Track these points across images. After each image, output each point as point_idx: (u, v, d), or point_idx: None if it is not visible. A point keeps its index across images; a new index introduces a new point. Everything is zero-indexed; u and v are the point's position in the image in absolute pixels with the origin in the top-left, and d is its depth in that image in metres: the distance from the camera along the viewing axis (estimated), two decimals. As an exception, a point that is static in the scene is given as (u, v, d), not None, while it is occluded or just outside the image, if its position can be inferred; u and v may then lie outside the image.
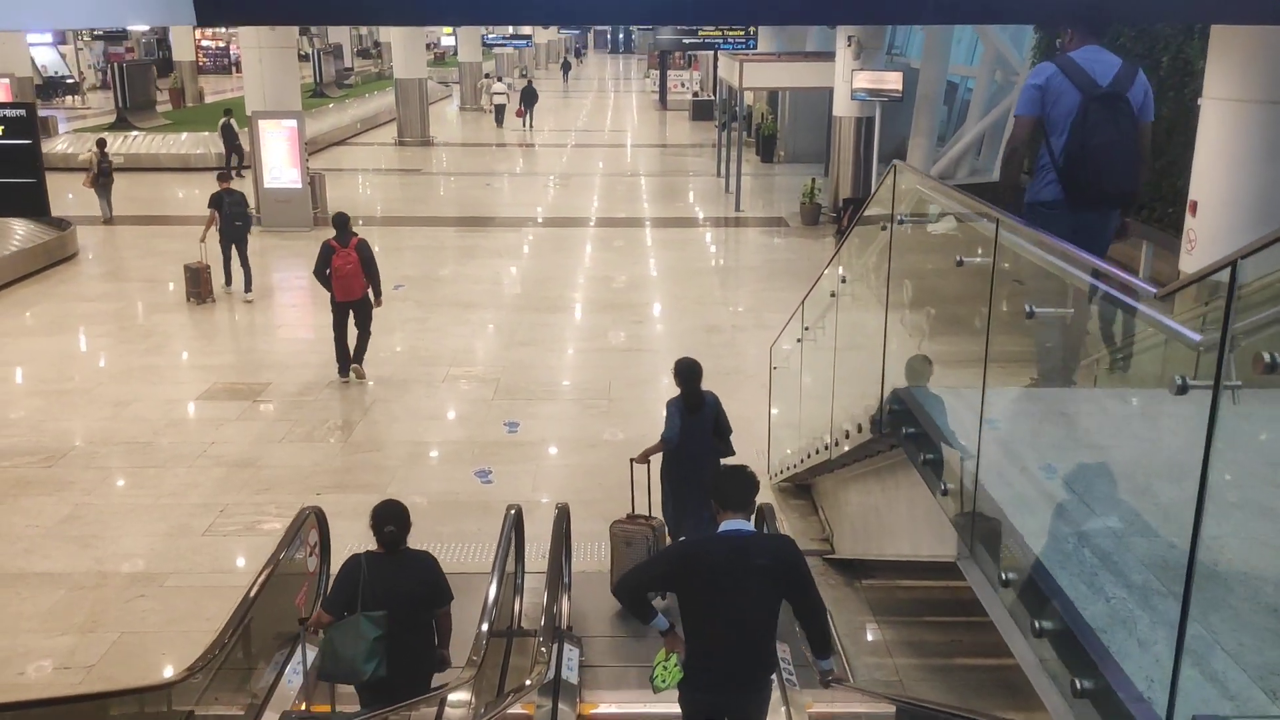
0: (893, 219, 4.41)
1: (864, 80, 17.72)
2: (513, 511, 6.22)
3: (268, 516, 7.91)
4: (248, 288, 13.73)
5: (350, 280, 10.19)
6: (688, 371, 6.65)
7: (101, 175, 18.25)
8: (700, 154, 28.48)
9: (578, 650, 5.74)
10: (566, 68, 60.36)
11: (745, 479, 4.03)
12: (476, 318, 13.17)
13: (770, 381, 8.93)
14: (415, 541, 4.93)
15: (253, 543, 7.51)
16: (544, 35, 64.25)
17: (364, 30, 66.53)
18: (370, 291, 10.44)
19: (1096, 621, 2.81)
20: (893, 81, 17.54)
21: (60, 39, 42.02)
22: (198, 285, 13.51)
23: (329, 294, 10.38)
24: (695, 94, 39.89)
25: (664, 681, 3.99)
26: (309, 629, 4.86)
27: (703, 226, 19.34)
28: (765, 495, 8.20)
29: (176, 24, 4.65)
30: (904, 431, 4.17)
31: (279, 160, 17.95)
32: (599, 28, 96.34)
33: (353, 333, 10.65)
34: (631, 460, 6.89)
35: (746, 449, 9.17)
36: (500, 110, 35.07)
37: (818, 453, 6.42)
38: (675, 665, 3.98)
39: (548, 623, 5.29)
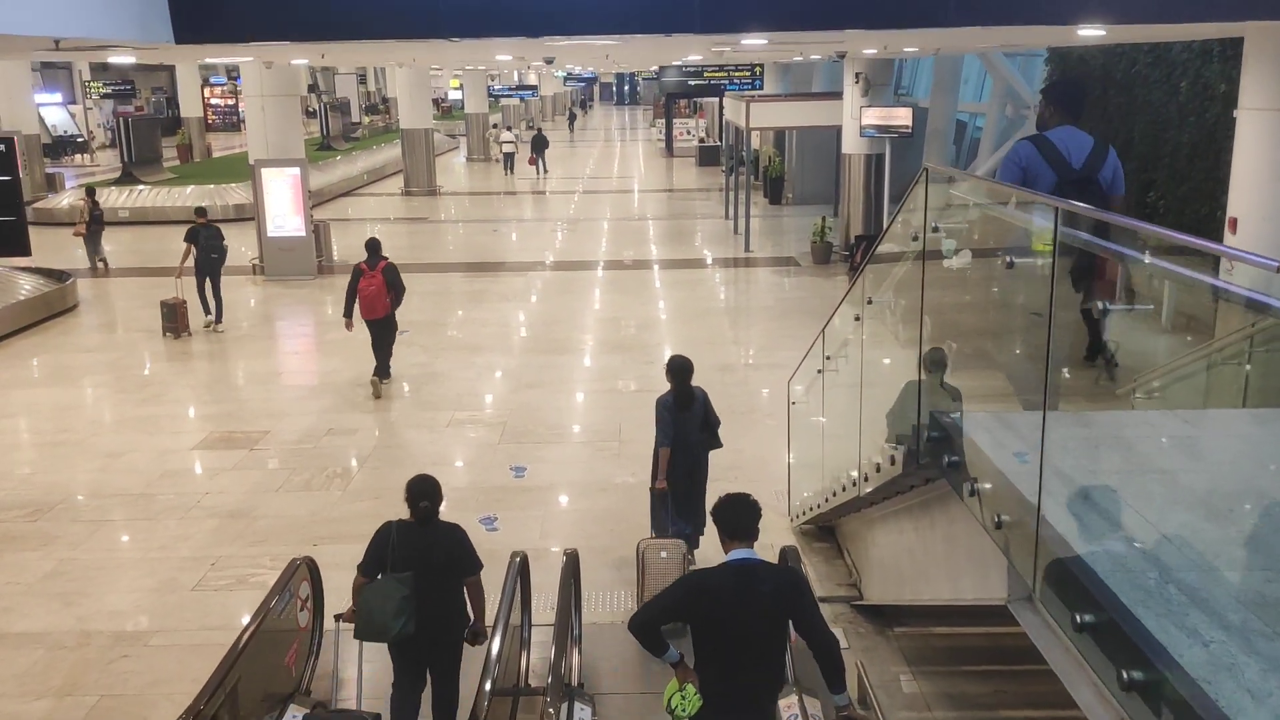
0: (925, 228, 4.03)
1: (873, 116, 17.50)
2: (518, 559, 5.80)
3: (261, 569, 7.49)
4: (218, 319, 14.19)
5: (373, 300, 10.93)
6: (680, 369, 6.85)
7: (92, 223, 18.18)
8: (708, 198, 28.32)
9: (590, 709, 5.29)
10: (572, 118, 60.71)
11: (748, 508, 4.11)
12: (483, 361, 12.81)
13: (788, 418, 8.51)
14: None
15: (244, 597, 7.08)
16: (550, 87, 64.71)
17: (372, 87, 67.27)
18: (393, 311, 11.21)
19: (1196, 670, 2.39)
20: (902, 117, 17.30)
21: (70, 99, 42.43)
22: (174, 320, 13.76)
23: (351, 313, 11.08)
24: (701, 140, 39.92)
25: (684, 711, 4.06)
26: (346, 616, 5.15)
27: (712, 267, 19.03)
28: (788, 538, 7.77)
29: (153, 42, 4.36)
30: (946, 460, 3.77)
31: (282, 208, 17.76)
32: (604, 79, 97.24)
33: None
34: (652, 490, 6.98)
35: (764, 490, 8.74)
36: (509, 159, 35.17)
37: (844, 490, 5.99)
38: (694, 694, 4.05)
39: (556, 680, 4.85)
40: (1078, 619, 2.71)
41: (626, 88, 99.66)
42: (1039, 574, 3.05)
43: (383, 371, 11.41)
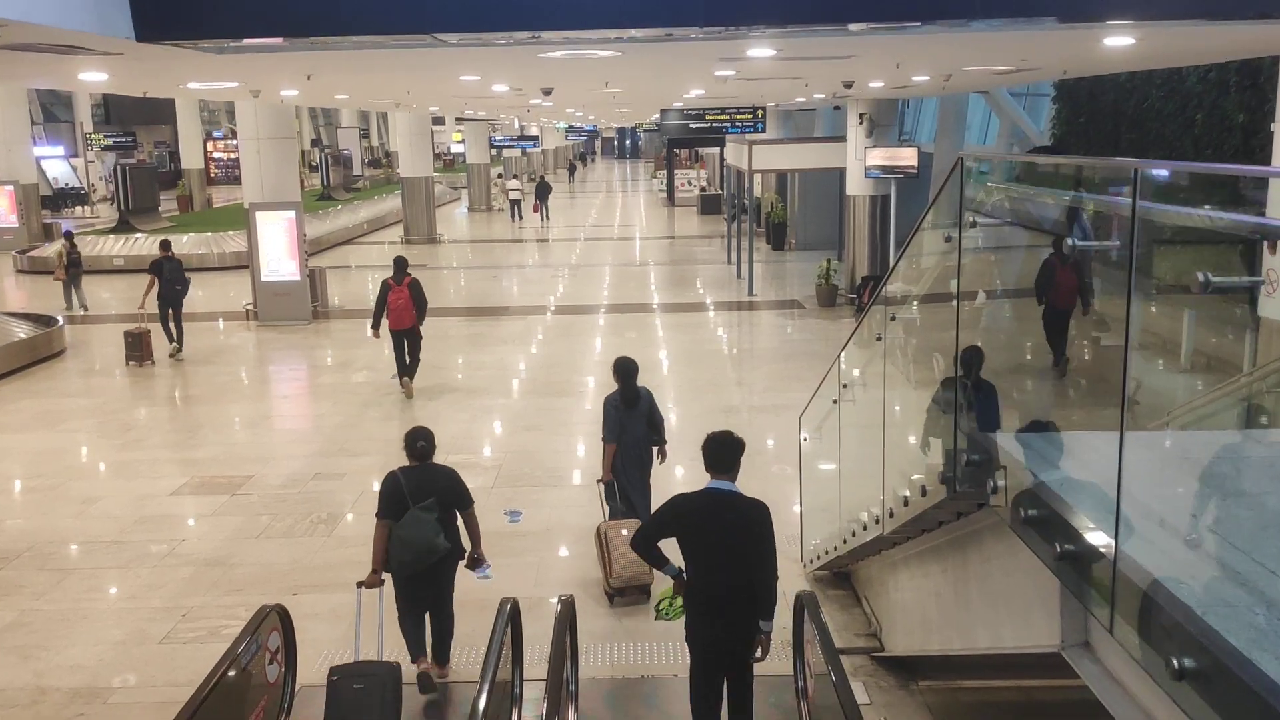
0: (960, 223, 3.60)
1: (878, 157, 17.24)
2: (508, 606, 5.29)
3: (235, 620, 6.93)
4: (180, 347, 14.77)
5: (401, 313, 12.04)
6: (625, 371, 7.45)
7: (71, 267, 18.14)
8: (710, 244, 28.06)
9: (587, 773, 4.76)
10: (572, 170, 60.92)
11: (729, 446, 4.79)
12: (479, 404, 12.35)
13: (799, 456, 8.02)
14: (401, 645, 5.80)
15: (215, 650, 6.46)
16: (551, 140, 65.01)
17: (375, 141, 67.60)
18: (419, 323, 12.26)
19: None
20: (907, 157, 17.04)
21: (72, 152, 42.48)
22: (139, 349, 14.16)
23: (385, 323, 12.14)
24: (703, 189, 39.86)
25: (668, 615, 5.13)
26: (371, 581, 5.73)
27: (715, 311, 18.64)
28: (801, 584, 7.26)
29: (111, 36, 3.99)
30: (991, 486, 3.30)
31: (277, 252, 17.43)
32: (606, 135, 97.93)
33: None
34: (599, 482, 7.58)
35: (775, 535, 8.25)
36: (516, 205, 35.63)
37: (864, 529, 5.50)
38: (680, 606, 4.94)
39: (548, 741, 4.34)
40: (1176, 665, 2.23)
41: (628, 142, 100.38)
42: (1115, 613, 2.57)
43: (410, 372, 12.52)
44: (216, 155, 54.33)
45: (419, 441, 5.96)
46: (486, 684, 4.52)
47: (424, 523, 5.67)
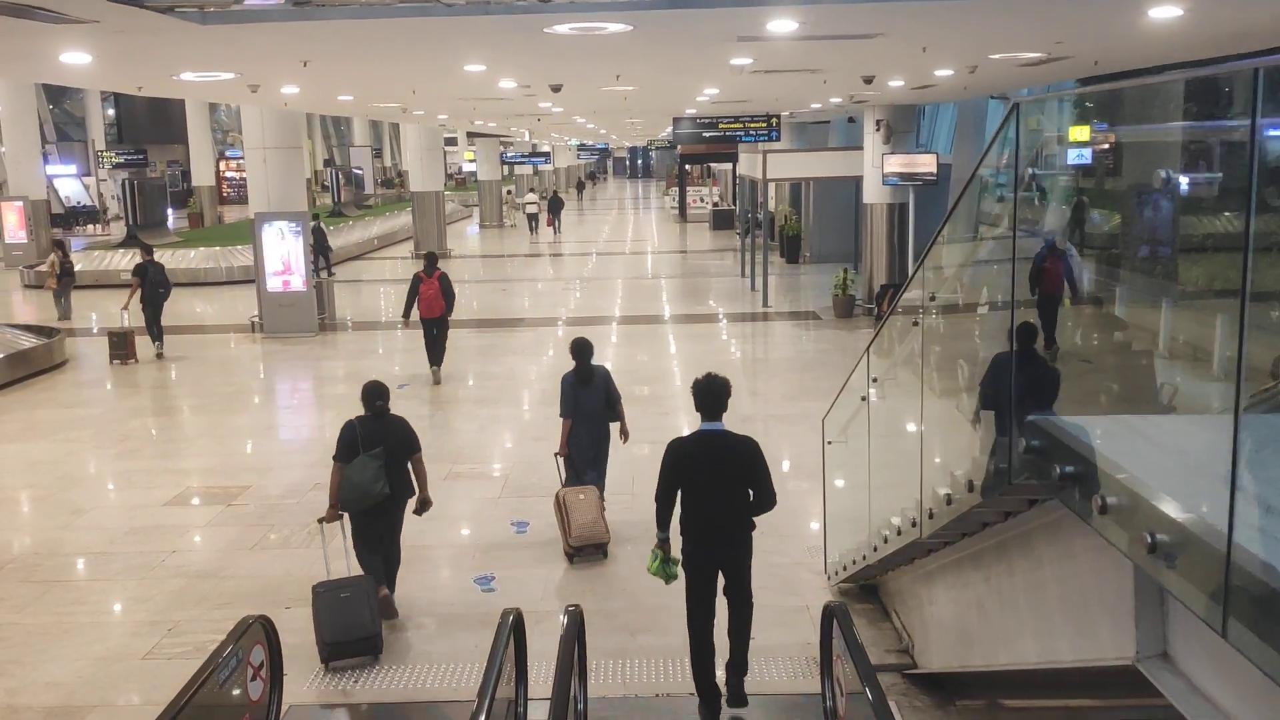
0: (1016, 174, 3.17)
1: (896, 164, 16.84)
2: (510, 617, 4.86)
3: (223, 635, 6.52)
4: (161, 346, 15.29)
5: (431, 302, 13.02)
6: (580, 350, 7.89)
7: (63, 276, 18.13)
8: (722, 258, 27.69)
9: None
10: (580, 187, 60.80)
11: (715, 391, 5.31)
12: (487, 413, 11.96)
13: (823, 461, 7.58)
14: (401, 660, 6.08)
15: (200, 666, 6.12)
16: (563, 159, 64.86)
17: (388, 162, 67.62)
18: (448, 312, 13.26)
19: None
20: (926, 164, 16.65)
21: (85, 171, 42.43)
22: (123, 348, 14.61)
23: (416, 313, 13.08)
24: (715, 204, 39.55)
25: (658, 570, 5.63)
26: (329, 517, 6.59)
27: (729, 322, 18.23)
28: (825, 597, 6.81)
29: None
30: (1059, 471, 2.87)
31: (283, 263, 17.11)
32: (618, 155, 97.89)
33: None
34: (556, 455, 7.92)
35: (795, 547, 7.82)
36: (533, 219, 36.17)
37: (899, 534, 5.05)
38: (659, 565, 5.60)
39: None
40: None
41: (640, 161, 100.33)
42: (1229, 613, 2.13)
43: (439, 360, 13.41)
44: (229, 175, 54.31)
45: (377, 400, 6.64)
46: (486, 703, 4.10)
47: (368, 468, 6.37)
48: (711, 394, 5.29)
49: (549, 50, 7.55)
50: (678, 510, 5.39)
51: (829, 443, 6.96)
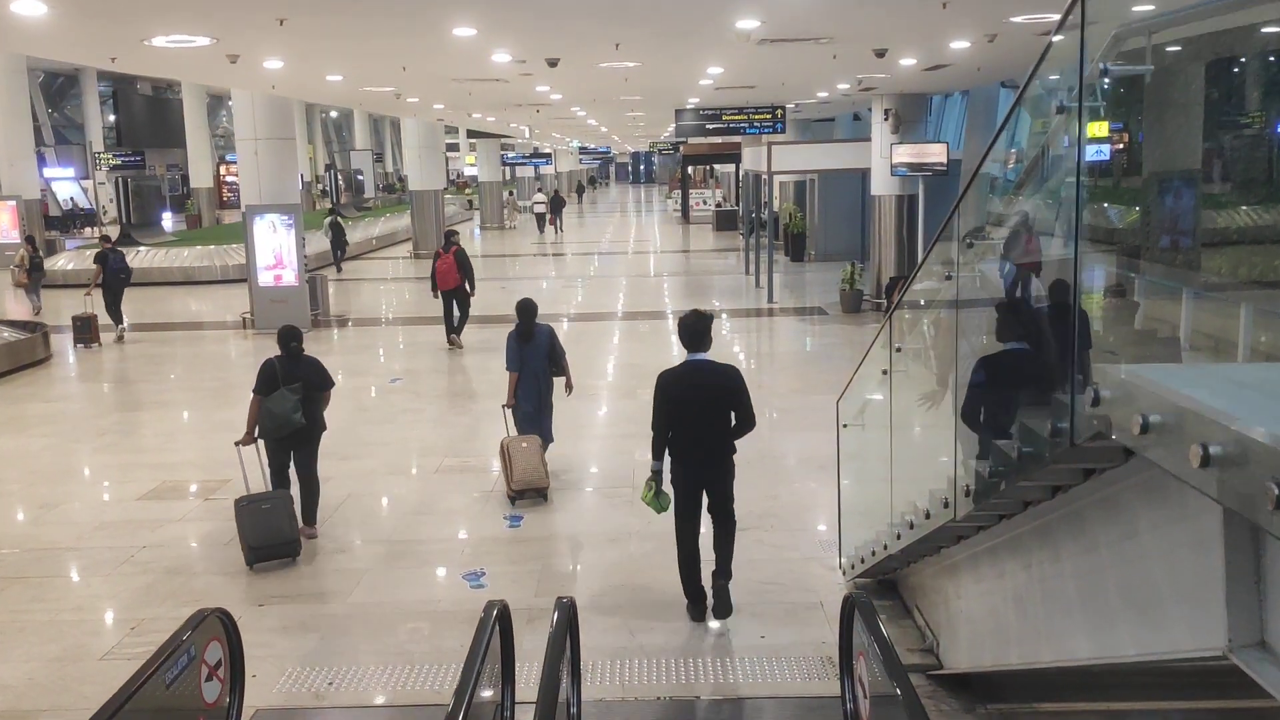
0: (1080, 76, 2.68)
1: (905, 154, 16.37)
2: (495, 611, 4.37)
3: (189, 634, 6.04)
4: (124, 329, 15.88)
5: (446, 275, 14.32)
6: (524, 310, 8.48)
7: (33, 270, 18.06)
8: (726, 258, 27.21)
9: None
10: (580, 190, 60.45)
11: (699, 328, 5.86)
12: (480, 407, 11.45)
13: (838, 447, 7.06)
14: (380, 661, 5.66)
15: (162, 668, 5.63)
16: (565, 164, 64.41)
17: (390, 168, 67.26)
18: (466, 284, 14.52)
19: None
20: (936, 154, 16.18)
21: (84, 174, 42.04)
22: (87, 331, 15.02)
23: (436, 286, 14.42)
24: (719, 205, 39.15)
25: (651, 501, 6.01)
26: (246, 440, 7.26)
27: (735, 318, 17.72)
28: (840, 594, 6.32)
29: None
30: (1144, 422, 2.38)
31: (274, 257, 16.65)
32: (620, 160, 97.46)
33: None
34: (504, 406, 8.49)
35: (806, 541, 7.34)
36: (541, 219, 37.13)
37: (926, 518, 4.55)
38: (652, 496, 5.98)
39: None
40: None
41: (642, 167, 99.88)
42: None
43: (458, 329, 14.56)
44: (230, 179, 53.90)
45: (291, 341, 7.42)
46: (464, 703, 3.61)
47: (287, 400, 7.11)
48: (697, 332, 5.91)
49: (542, 7, 7.09)
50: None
51: (844, 426, 6.46)
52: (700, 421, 5.84)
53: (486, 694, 4.32)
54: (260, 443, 7.34)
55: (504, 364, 8.57)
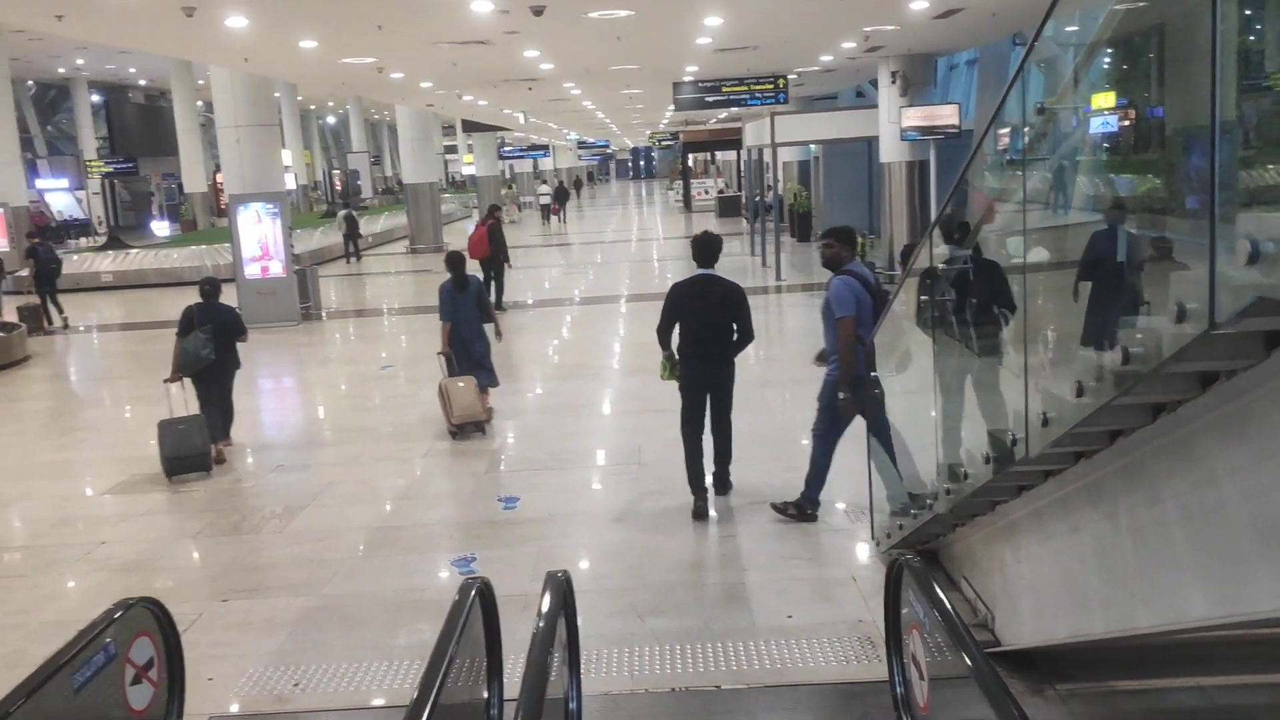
0: None
1: (915, 117, 15.62)
2: (473, 591, 3.67)
3: (141, 635, 5.34)
4: (66, 318, 16.77)
5: (475, 245, 15.19)
6: (453, 261, 9.05)
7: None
8: (730, 241, 26.41)
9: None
10: (578, 185, 59.81)
11: (710, 245, 6.64)
12: (475, 391, 10.74)
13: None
14: (354, 658, 5.02)
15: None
16: (564, 159, 63.66)
17: (389, 172, 66.61)
18: (500, 256, 15.69)
19: None
20: (948, 115, 15.43)
21: (78, 184, 41.40)
22: (35, 320, 15.99)
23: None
24: (721, 191, 38.47)
25: (669, 374, 6.70)
26: (172, 378, 8.22)
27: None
28: (877, 566, 5.61)
29: None
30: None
31: (260, 248, 15.96)
32: (620, 156, 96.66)
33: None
34: (439, 354, 8.93)
35: (832, 512, 6.61)
36: (546, 209, 37.93)
37: (986, 463, 3.82)
38: (670, 370, 6.68)
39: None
40: None
41: (642, 162, 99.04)
42: None
43: (497, 302, 14.74)
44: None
45: (206, 285, 8.42)
46: (431, 698, 2.91)
47: (199, 341, 8.05)
48: (708, 248, 6.60)
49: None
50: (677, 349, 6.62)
51: (872, 374, 5.72)
52: (708, 326, 6.47)
53: (474, 692, 3.63)
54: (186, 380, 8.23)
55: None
